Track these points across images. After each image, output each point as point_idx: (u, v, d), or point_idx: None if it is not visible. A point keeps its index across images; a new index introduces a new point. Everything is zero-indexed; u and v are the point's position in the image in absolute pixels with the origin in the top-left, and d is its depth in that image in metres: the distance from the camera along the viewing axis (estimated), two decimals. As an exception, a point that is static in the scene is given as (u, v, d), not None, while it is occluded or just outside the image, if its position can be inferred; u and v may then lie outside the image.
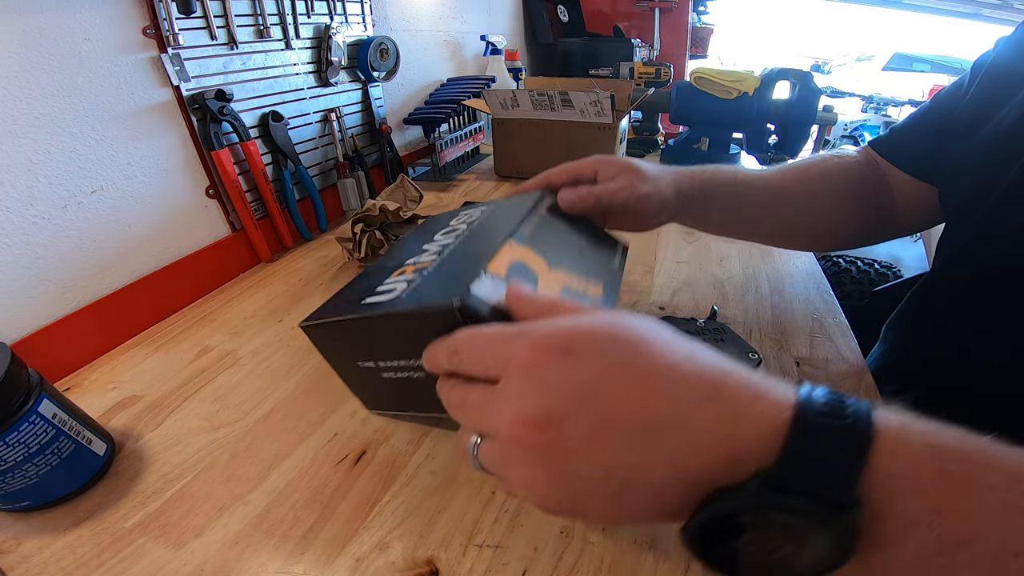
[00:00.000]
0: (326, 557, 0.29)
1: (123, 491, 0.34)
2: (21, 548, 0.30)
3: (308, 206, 0.71)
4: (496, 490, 0.33)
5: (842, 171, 0.48)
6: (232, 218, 0.61)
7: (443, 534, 0.30)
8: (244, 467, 0.35)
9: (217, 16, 0.55)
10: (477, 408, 0.21)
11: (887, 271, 1.45)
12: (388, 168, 0.85)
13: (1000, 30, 1.75)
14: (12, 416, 0.29)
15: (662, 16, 1.61)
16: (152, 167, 0.52)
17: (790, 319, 0.51)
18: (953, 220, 0.42)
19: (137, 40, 0.48)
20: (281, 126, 0.64)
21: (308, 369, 0.45)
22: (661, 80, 1.13)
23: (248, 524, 0.31)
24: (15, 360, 0.30)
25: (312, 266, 0.63)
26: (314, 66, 0.69)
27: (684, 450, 0.17)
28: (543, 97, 0.82)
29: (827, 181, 0.48)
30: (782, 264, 0.62)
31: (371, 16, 0.78)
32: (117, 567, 0.29)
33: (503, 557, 0.29)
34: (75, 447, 0.33)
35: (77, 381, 0.44)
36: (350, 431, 0.38)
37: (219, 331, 0.51)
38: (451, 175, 0.97)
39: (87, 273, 0.47)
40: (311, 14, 0.67)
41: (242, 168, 0.60)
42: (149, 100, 0.50)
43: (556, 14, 1.54)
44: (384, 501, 0.32)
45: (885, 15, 4.06)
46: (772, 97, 0.87)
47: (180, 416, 0.40)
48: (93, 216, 0.47)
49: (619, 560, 0.29)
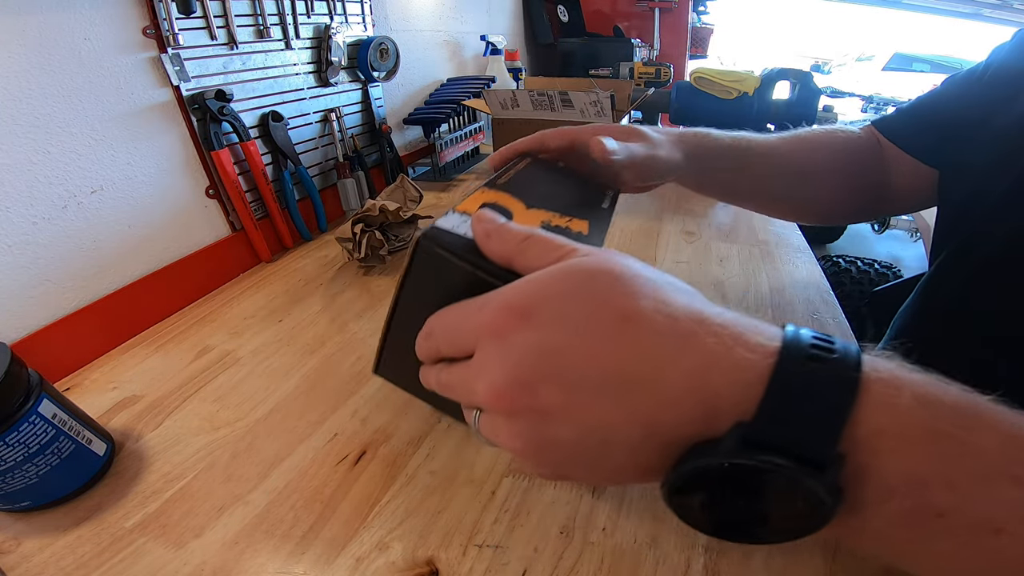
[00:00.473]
0: (326, 557, 0.29)
1: (123, 491, 0.34)
2: (21, 548, 0.30)
3: (308, 206, 0.71)
4: (496, 490, 0.33)
5: (843, 146, 0.48)
6: (232, 218, 0.61)
7: (443, 534, 0.30)
8: (244, 467, 0.35)
9: (217, 16, 0.55)
10: (460, 385, 0.21)
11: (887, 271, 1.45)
12: (388, 168, 0.85)
13: (1000, 30, 1.75)
14: (12, 416, 0.29)
15: (662, 16, 1.61)
16: (152, 167, 0.52)
17: (790, 319, 0.51)
18: (951, 214, 0.42)
19: (137, 40, 0.48)
20: (281, 126, 0.64)
21: (308, 369, 0.45)
22: (661, 80, 1.13)
23: (248, 524, 0.31)
24: (15, 360, 0.30)
25: (312, 266, 0.63)
26: (314, 66, 0.69)
27: (657, 406, 0.16)
28: (543, 97, 0.82)
29: (829, 154, 0.48)
30: (782, 264, 0.62)
31: (371, 16, 0.78)
32: (117, 567, 0.29)
33: (503, 557, 0.29)
34: (75, 447, 0.33)
35: (77, 381, 0.44)
36: (350, 431, 0.38)
37: (219, 331, 0.51)
38: (451, 175, 0.97)
39: (87, 273, 0.47)
40: (311, 14, 0.67)
41: (242, 168, 0.60)
42: (149, 100, 0.50)
43: (556, 14, 1.54)
44: (384, 501, 0.32)
45: (885, 15, 4.06)
46: (772, 97, 0.87)
47: (180, 416, 0.40)
48: (93, 216, 0.47)
49: (619, 560, 0.29)
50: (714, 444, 0.16)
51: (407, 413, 0.40)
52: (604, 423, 0.17)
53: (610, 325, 0.17)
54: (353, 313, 0.53)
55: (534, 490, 0.33)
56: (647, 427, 0.17)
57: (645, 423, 0.17)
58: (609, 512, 0.32)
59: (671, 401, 0.16)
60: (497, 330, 0.18)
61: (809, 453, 0.14)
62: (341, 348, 0.48)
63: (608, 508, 0.32)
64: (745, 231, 0.72)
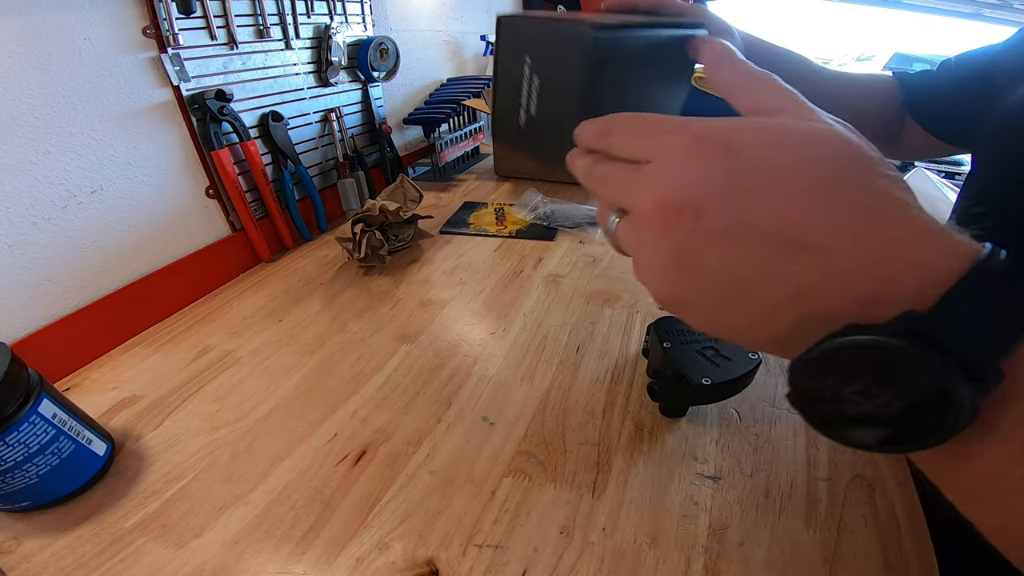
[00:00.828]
0: (326, 557, 0.29)
1: (123, 491, 0.34)
2: (21, 548, 0.30)
3: (308, 206, 0.71)
4: (496, 490, 0.33)
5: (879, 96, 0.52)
6: (232, 218, 0.61)
7: (443, 534, 0.30)
8: (244, 467, 0.35)
9: (217, 16, 0.55)
10: (621, 183, 0.21)
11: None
12: (388, 168, 0.85)
13: (1000, 30, 1.74)
14: (12, 416, 0.29)
15: (662, 16, 1.61)
16: (152, 167, 0.52)
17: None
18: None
19: (137, 40, 0.48)
20: (281, 126, 0.64)
21: (308, 369, 0.45)
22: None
23: (248, 524, 0.31)
24: (15, 360, 0.30)
25: (312, 266, 0.63)
26: (314, 66, 0.69)
27: (822, 273, 0.16)
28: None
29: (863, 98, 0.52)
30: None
31: (371, 16, 0.78)
32: (117, 567, 0.29)
33: (503, 557, 0.29)
34: (75, 447, 0.33)
35: (77, 381, 0.44)
36: (350, 431, 0.38)
37: (219, 331, 0.51)
38: (451, 175, 0.97)
39: (87, 273, 0.47)
40: (311, 14, 0.67)
41: (242, 168, 0.60)
42: (149, 100, 0.50)
43: (556, 14, 1.54)
44: (384, 501, 0.32)
45: (885, 15, 4.05)
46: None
47: (180, 416, 0.40)
48: (93, 216, 0.47)
49: (619, 560, 0.29)
50: (876, 326, 0.15)
51: (407, 413, 0.40)
52: (757, 270, 0.17)
53: (810, 186, 0.17)
54: (353, 313, 0.53)
55: (534, 490, 0.33)
56: (800, 290, 0.17)
57: (801, 285, 0.16)
58: (609, 512, 0.32)
59: (842, 271, 0.16)
60: (692, 151, 0.18)
61: (974, 362, 0.14)
62: (341, 348, 0.48)
63: (608, 508, 0.32)
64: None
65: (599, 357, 0.46)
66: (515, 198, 0.84)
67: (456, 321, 0.52)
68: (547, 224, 0.73)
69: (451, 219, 0.76)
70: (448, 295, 0.56)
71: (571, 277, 0.60)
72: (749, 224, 0.17)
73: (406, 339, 0.49)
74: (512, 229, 0.72)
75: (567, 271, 0.61)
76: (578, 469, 0.35)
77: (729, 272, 0.18)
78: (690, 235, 0.18)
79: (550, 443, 0.37)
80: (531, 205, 0.77)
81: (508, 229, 0.72)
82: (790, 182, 0.17)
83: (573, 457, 0.36)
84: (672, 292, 0.19)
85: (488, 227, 0.73)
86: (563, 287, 0.57)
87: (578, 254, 0.65)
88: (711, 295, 0.18)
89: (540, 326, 0.50)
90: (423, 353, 0.47)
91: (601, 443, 0.37)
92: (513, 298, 0.55)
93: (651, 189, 0.19)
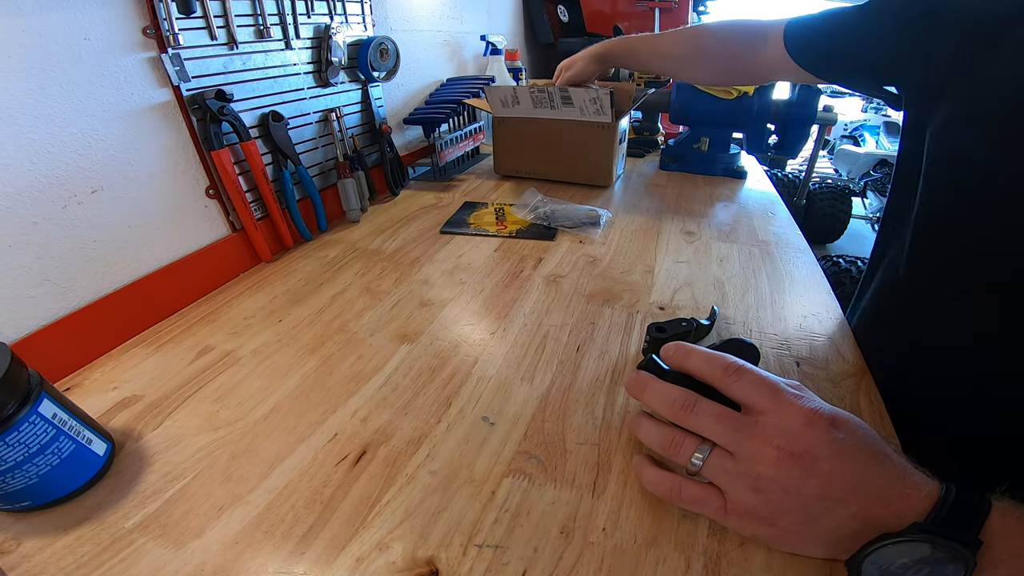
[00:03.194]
0: (326, 557, 0.29)
1: (123, 491, 0.34)
2: (21, 548, 0.30)
3: (308, 206, 0.71)
4: (496, 490, 0.33)
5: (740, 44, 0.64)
6: (232, 218, 0.61)
7: (443, 534, 0.30)
8: (244, 467, 0.35)
9: (217, 16, 0.55)
10: (739, 427, 0.29)
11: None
12: (388, 168, 0.85)
13: (1000, 30, 1.71)
14: (12, 416, 0.29)
15: (662, 16, 1.61)
16: (152, 167, 0.52)
17: (790, 319, 0.51)
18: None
19: (137, 40, 0.48)
20: (281, 126, 0.64)
21: (308, 369, 0.45)
22: (661, 80, 1.13)
23: (248, 524, 0.31)
24: (15, 360, 0.30)
25: (312, 266, 0.63)
26: (314, 66, 0.69)
27: (876, 502, 0.26)
28: (543, 94, 0.82)
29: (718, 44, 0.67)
30: (782, 264, 0.62)
31: (371, 16, 0.78)
32: (117, 567, 0.29)
33: (503, 557, 0.29)
34: (75, 447, 0.33)
35: (77, 381, 0.44)
36: (350, 431, 0.38)
37: (219, 331, 0.51)
38: (451, 175, 0.97)
39: (87, 273, 0.47)
40: (311, 14, 0.67)
41: (242, 168, 0.60)
42: (149, 100, 0.50)
43: (556, 14, 1.54)
44: (384, 501, 0.32)
45: (885, 15, 4.02)
46: (772, 97, 0.87)
47: (180, 416, 0.40)
48: (93, 216, 0.47)
49: (619, 560, 0.29)
50: (900, 532, 0.24)
51: (407, 413, 0.40)
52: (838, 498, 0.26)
53: (874, 452, 0.27)
54: (353, 313, 0.53)
55: (534, 490, 0.33)
56: (861, 511, 0.26)
57: (861, 509, 0.26)
58: (609, 512, 0.32)
59: (886, 501, 0.26)
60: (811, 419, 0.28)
61: (964, 540, 0.24)
62: (341, 348, 0.48)
63: (608, 508, 0.32)
64: (745, 231, 0.72)
65: (599, 357, 0.46)
66: (515, 198, 0.84)
67: (456, 321, 0.52)
68: (547, 224, 0.73)
69: (451, 219, 0.76)
70: (448, 295, 0.56)
71: (571, 277, 0.60)
72: (844, 472, 0.26)
73: (406, 339, 0.49)
74: (512, 229, 0.72)
75: (567, 271, 0.61)
76: (578, 469, 0.35)
77: (821, 499, 0.26)
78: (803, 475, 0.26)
79: (550, 443, 0.37)
80: (531, 205, 0.77)
81: (508, 229, 0.73)
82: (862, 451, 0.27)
83: (573, 457, 0.36)
84: (761, 510, 0.27)
85: (488, 227, 0.73)
86: (563, 287, 0.57)
87: (578, 254, 0.65)
88: (797, 513, 0.27)
89: (540, 326, 0.50)
90: (423, 353, 0.47)
91: (601, 443, 0.37)
92: (513, 298, 0.55)
93: (776, 438, 0.27)
